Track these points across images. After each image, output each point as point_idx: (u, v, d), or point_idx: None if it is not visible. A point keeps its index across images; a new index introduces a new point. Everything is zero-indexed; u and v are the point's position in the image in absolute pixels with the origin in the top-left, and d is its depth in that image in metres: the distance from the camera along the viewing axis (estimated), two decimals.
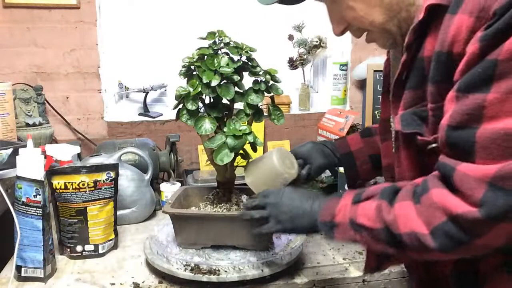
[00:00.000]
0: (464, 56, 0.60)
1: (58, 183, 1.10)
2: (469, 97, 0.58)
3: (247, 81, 1.03)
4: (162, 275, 1.03)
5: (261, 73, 1.01)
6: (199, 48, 0.99)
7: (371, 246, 0.74)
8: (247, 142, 0.96)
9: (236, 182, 1.11)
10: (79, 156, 1.47)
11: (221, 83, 0.96)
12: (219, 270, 0.98)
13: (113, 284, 1.02)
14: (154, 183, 1.52)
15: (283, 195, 0.87)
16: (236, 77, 0.97)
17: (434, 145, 0.68)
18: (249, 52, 1.00)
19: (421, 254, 0.67)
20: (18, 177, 1.00)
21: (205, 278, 0.96)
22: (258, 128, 1.83)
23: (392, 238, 0.68)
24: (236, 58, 0.99)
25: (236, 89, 0.98)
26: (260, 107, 1.03)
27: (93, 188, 1.12)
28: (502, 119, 0.56)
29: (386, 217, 0.68)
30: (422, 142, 0.70)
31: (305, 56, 1.89)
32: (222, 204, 1.08)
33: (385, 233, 0.69)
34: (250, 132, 0.96)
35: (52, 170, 1.10)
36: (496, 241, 0.60)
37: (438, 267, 0.79)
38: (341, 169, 1.42)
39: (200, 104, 0.99)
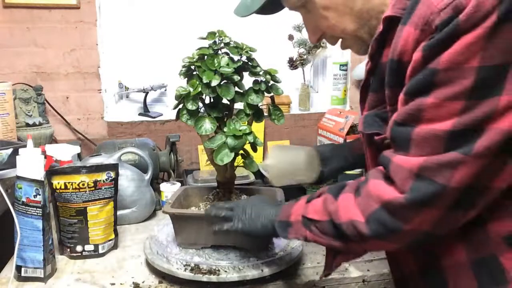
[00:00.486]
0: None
1: (58, 183, 1.10)
2: (413, 100, 0.64)
3: (247, 81, 1.03)
4: (162, 275, 1.03)
5: (261, 73, 1.01)
6: (199, 48, 1.00)
7: (319, 241, 0.78)
8: (247, 142, 0.96)
9: (236, 182, 1.11)
10: (79, 156, 1.47)
11: (221, 83, 0.96)
12: (219, 270, 0.98)
13: (113, 284, 1.02)
14: (154, 183, 1.52)
15: (250, 201, 0.95)
16: (236, 77, 0.98)
17: (388, 140, 0.72)
18: (249, 52, 1.00)
19: (360, 244, 0.72)
20: (18, 177, 1.00)
21: (205, 278, 0.96)
22: (258, 128, 1.82)
23: (336, 229, 0.73)
24: (236, 58, 0.99)
25: (236, 89, 0.99)
26: (260, 107, 1.03)
27: (93, 188, 1.12)
28: (436, 122, 0.62)
29: (330, 208, 0.74)
30: (379, 140, 0.75)
31: (305, 56, 1.89)
32: None
33: (330, 225, 0.74)
34: (250, 132, 0.96)
35: (52, 170, 1.10)
36: (423, 227, 0.65)
37: (403, 265, 0.82)
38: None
39: (200, 104, 0.99)
